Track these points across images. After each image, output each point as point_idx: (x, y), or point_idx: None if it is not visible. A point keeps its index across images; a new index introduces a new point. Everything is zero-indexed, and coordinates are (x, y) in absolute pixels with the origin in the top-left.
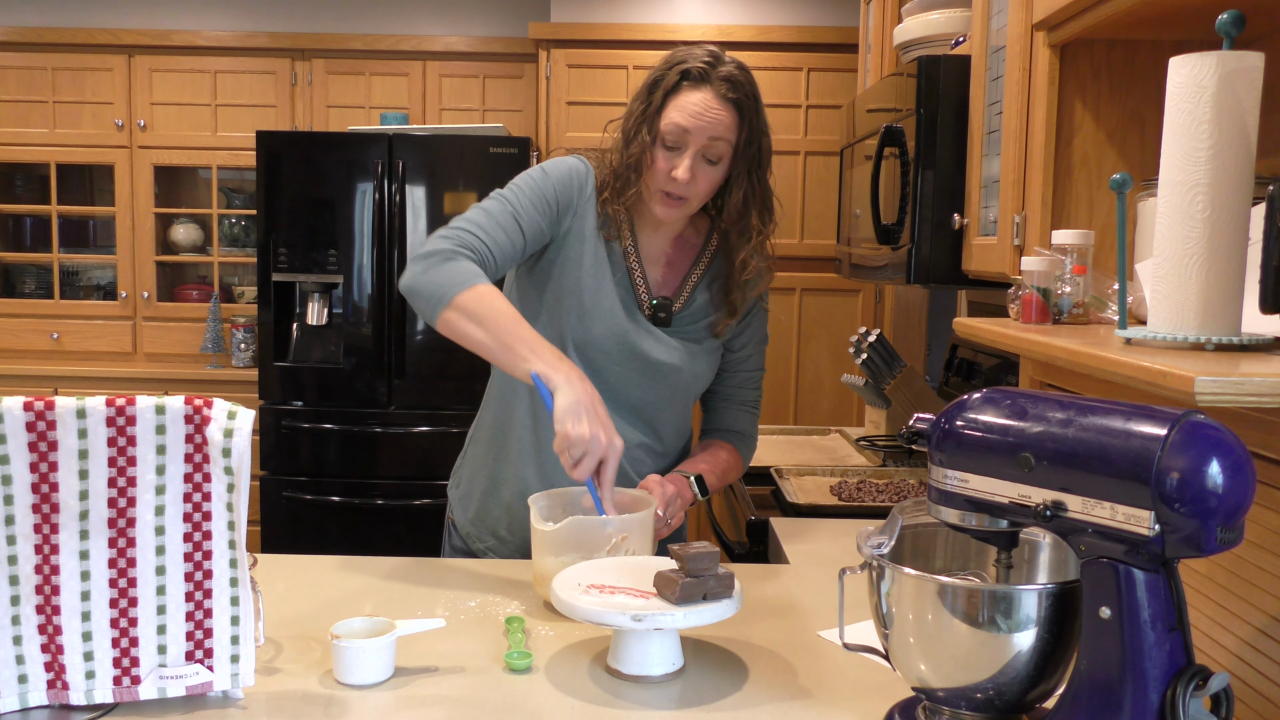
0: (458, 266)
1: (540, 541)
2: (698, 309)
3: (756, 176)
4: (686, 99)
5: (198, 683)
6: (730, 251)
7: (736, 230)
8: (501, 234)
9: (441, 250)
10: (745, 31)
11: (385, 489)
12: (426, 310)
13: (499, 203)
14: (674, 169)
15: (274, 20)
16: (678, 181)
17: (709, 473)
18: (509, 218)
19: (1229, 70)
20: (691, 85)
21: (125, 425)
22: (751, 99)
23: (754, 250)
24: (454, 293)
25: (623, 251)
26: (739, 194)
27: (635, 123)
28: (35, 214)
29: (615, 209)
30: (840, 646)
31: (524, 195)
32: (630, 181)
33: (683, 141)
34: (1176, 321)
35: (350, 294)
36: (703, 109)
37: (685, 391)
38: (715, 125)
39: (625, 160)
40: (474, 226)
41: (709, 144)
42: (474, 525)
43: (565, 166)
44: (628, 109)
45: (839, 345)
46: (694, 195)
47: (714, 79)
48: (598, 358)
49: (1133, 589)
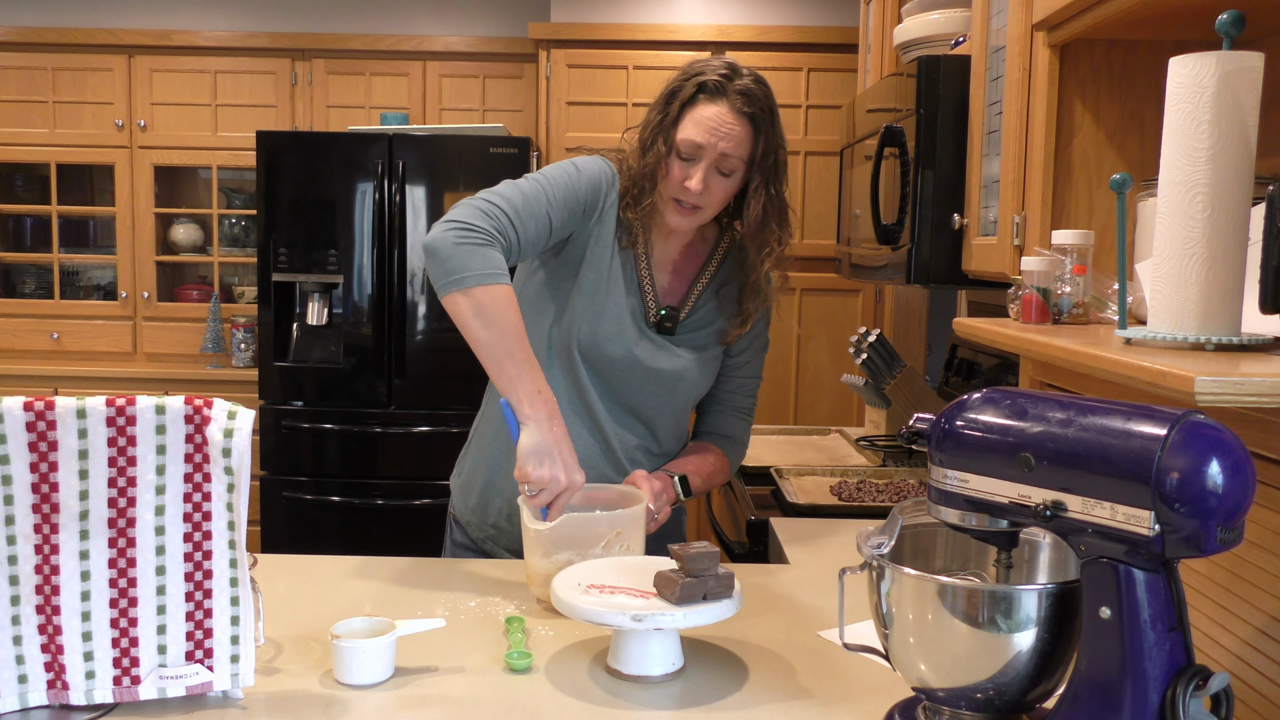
0: (490, 256)
1: (532, 540)
2: (703, 316)
3: (774, 189)
4: (702, 112)
5: (198, 683)
6: (746, 262)
7: (756, 243)
8: (533, 224)
9: (481, 229)
10: (745, 31)
11: (385, 489)
12: (440, 280)
13: (535, 188)
14: (687, 179)
15: (274, 20)
16: (691, 192)
17: (694, 474)
18: (542, 209)
19: (1229, 70)
20: (707, 98)
21: (125, 425)
22: (767, 112)
23: (776, 262)
24: (475, 283)
25: (635, 258)
26: (758, 206)
27: (651, 133)
28: (35, 214)
29: (632, 216)
30: (840, 646)
31: (558, 189)
32: (646, 191)
33: (697, 154)
34: (1176, 321)
35: (350, 294)
36: (717, 123)
37: (686, 397)
38: (729, 139)
39: (641, 169)
40: (510, 210)
41: (722, 158)
42: (475, 514)
43: (595, 168)
44: (645, 118)
45: (839, 345)
46: (707, 205)
47: (730, 92)
48: (601, 362)
49: (1133, 589)
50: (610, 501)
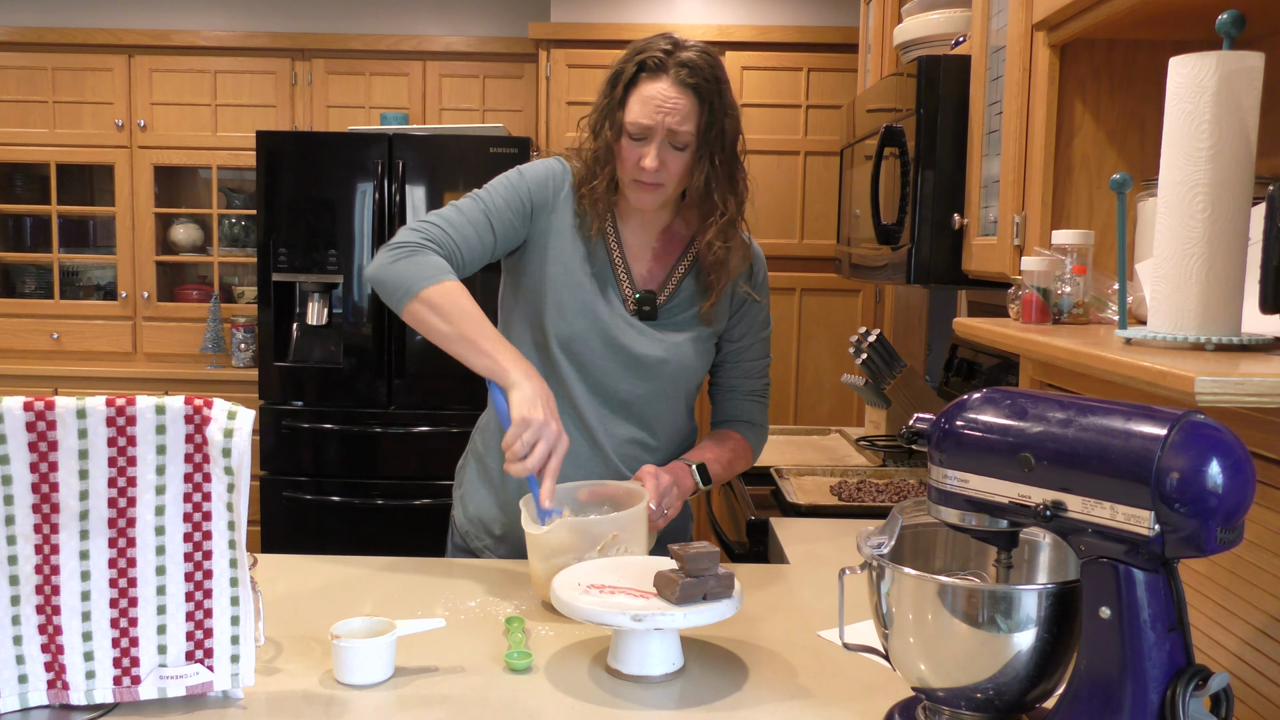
0: (426, 260)
1: (532, 544)
2: (684, 299)
3: (719, 159)
4: (645, 91)
5: (198, 683)
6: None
7: (701, 212)
8: (471, 231)
9: (409, 243)
10: (745, 31)
11: (385, 489)
12: (392, 300)
13: (472, 201)
14: (642, 159)
15: (274, 20)
16: (646, 170)
17: (714, 461)
18: (480, 215)
19: (1229, 70)
20: (649, 76)
21: (125, 425)
22: (712, 82)
23: (720, 232)
24: (421, 286)
25: (606, 247)
26: (700, 177)
27: (600, 117)
28: (35, 214)
29: (592, 204)
30: (840, 646)
31: (498, 194)
32: (597, 174)
33: (645, 134)
34: (1176, 321)
35: (350, 294)
36: (661, 99)
37: (676, 384)
38: (674, 114)
39: (593, 154)
40: (443, 222)
41: (671, 133)
42: (472, 524)
43: (542, 167)
44: (594, 104)
45: (839, 345)
46: (667, 180)
47: (671, 66)
48: (582, 352)
49: (1133, 589)
50: (615, 497)
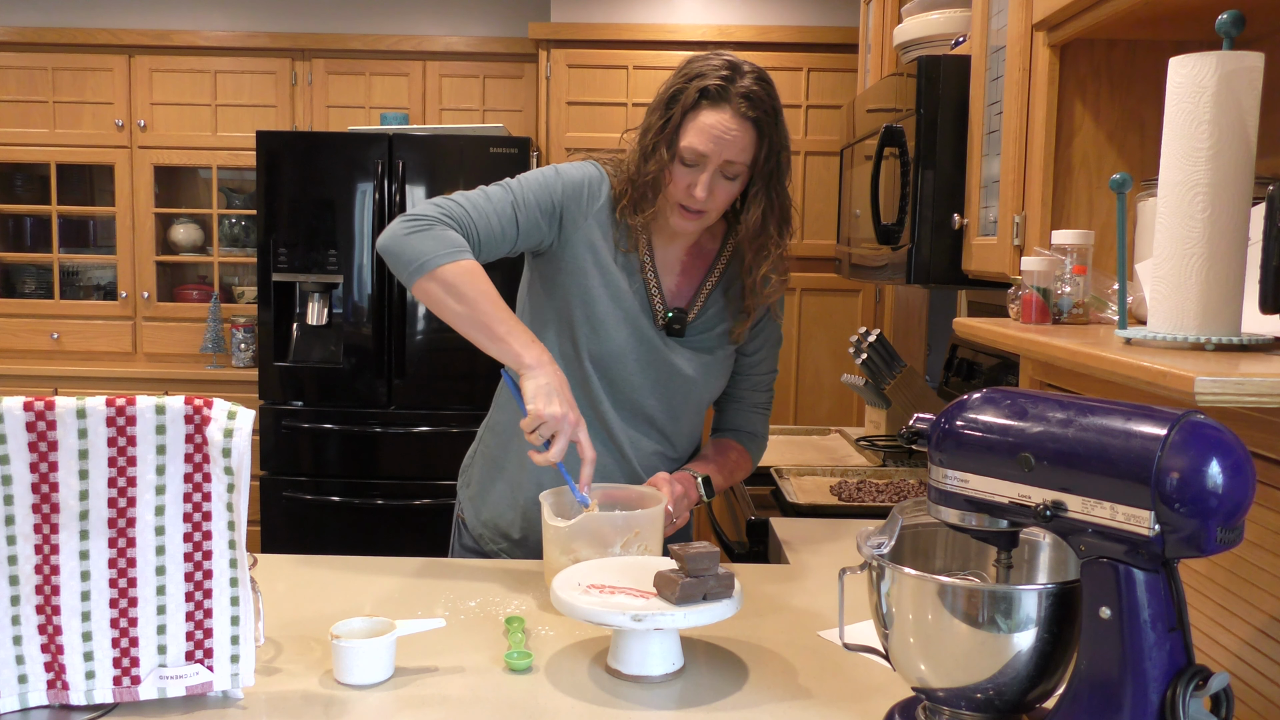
0: (444, 235)
1: (552, 538)
2: (711, 317)
3: (775, 190)
4: (705, 119)
5: (198, 683)
6: (745, 263)
7: (754, 246)
8: (495, 219)
9: (428, 216)
10: (745, 31)
11: (385, 489)
12: (404, 274)
13: (502, 190)
14: (692, 186)
15: (274, 20)
16: (697, 199)
17: (717, 473)
18: (507, 206)
19: (1229, 70)
20: (710, 104)
21: (125, 425)
22: (771, 114)
23: (773, 265)
24: (438, 263)
25: (639, 262)
26: (757, 211)
27: (653, 139)
28: (35, 214)
29: (633, 221)
30: (840, 646)
31: (529, 190)
32: (649, 199)
33: (700, 161)
34: (1176, 321)
35: (350, 294)
36: (721, 131)
37: (700, 399)
38: (733, 146)
39: (643, 176)
40: (468, 204)
41: (726, 164)
42: (486, 527)
43: (579, 171)
44: (645, 122)
45: (839, 345)
46: (712, 209)
47: (732, 96)
48: (613, 368)
49: (1133, 589)
50: (630, 501)
